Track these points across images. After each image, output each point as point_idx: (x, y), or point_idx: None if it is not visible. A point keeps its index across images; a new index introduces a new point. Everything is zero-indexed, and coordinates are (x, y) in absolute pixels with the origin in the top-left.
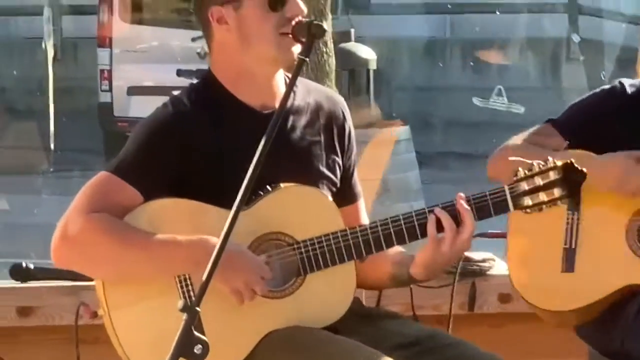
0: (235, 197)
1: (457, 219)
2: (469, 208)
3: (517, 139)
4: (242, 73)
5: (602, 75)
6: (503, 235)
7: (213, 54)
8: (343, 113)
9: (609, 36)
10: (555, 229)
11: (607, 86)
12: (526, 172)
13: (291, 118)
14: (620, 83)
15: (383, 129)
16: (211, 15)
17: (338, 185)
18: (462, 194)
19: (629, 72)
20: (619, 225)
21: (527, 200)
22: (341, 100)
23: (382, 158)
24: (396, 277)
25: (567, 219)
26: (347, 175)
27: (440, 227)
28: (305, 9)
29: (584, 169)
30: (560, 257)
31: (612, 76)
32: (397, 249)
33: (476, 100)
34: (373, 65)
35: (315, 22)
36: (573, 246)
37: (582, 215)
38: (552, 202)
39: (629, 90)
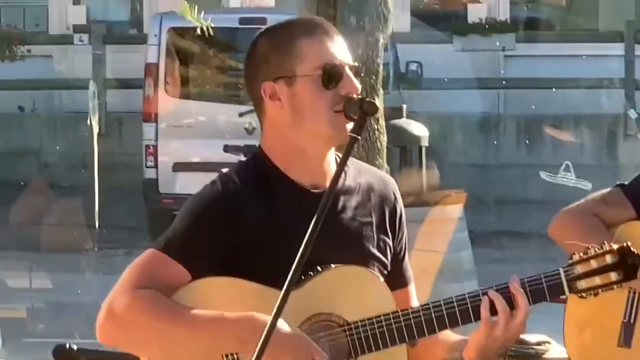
0: (285, 277)
1: (510, 302)
2: (522, 291)
3: (585, 204)
4: (293, 151)
5: None
6: (563, 301)
7: (264, 131)
8: (394, 195)
9: None
10: (616, 301)
11: None
12: (582, 255)
13: (342, 198)
14: None
15: (438, 207)
16: (264, 91)
17: (389, 267)
18: (516, 277)
19: None
20: None
21: (582, 284)
22: (392, 181)
23: (442, 235)
24: None
25: (629, 292)
26: (397, 259)
27: (493, 310)
28: (359, 87)
29: None
30: (618, 331)
31: None
32: (450, 332)
33: (544, 175)
34: (425, 142)
35: (367, 99)
36: (632, 321)
37: None
38: (608, 286)
39: None
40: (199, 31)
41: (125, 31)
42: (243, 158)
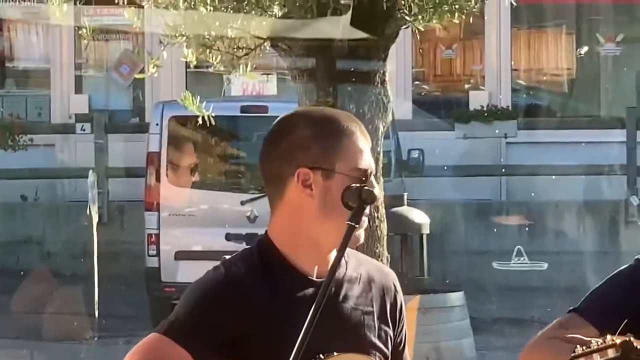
0: None
1: None
2: None
3: (542, 337)
4: (306, 240)
5: None
6: None
7: (277, 213)
8: (395, 286)
9: None
10: None
11: (626, 266)
12: (584, 348)
13: (344, 287)
14: (638, 260)
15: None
16: (298, 175)
17: (389, 358)
18: None
19: None
20: None
21: None
22: (392, 273)
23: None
24: None
25: None
26: (397, 350)
27: None
28: (378, 195)
29: None
30: None
31: None
32: None
33: (496, 264)
34: (426, 230)
35: (366, 187)
36: None
37: None
38: None
39: None
40: (200, 120)
41: (127, 120)
42: (245, 246)
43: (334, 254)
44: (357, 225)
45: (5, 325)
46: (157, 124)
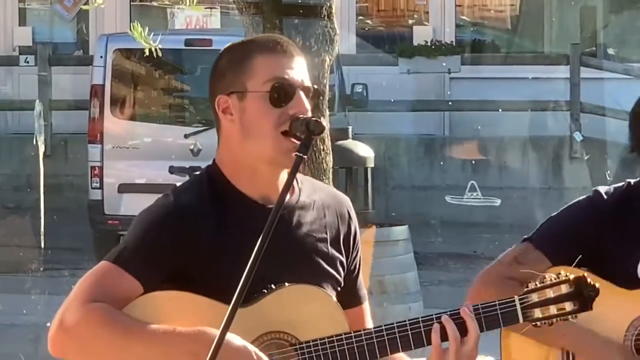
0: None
1: (462, 328)
2: (472, 317)
3: (499, 268)
4: (243, 166)
5: (607, 175)
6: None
7: (219, 144)
8: (349, 212)
9: (612, 135)
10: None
11: (583, 197)
12: (537, 284)
13: (297, 214)
14: (596, 191)
15: (383, 228)
16: (217, 104)
17: (342, 284)
18: (468, 303)
19: (633, 172)
20: None
21: (538, 313)
22: (347, 199)
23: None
24: None
25: (562, 353)
26: (351, 277)
27: (445, 337)
28: (309, 108)
29: (597, 284)
30: None
31: (616, 176)
32: (403, 355)
33: (449, 198)
34: (371, 164)
35: (313, 118)
36: None
37: None
38: (563, 315)
39: (606, 197)
40: (147, 52)
41: (71, 52)
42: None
43: (283, 179)
44: (306, 157)
45: None
46: (101, 57)
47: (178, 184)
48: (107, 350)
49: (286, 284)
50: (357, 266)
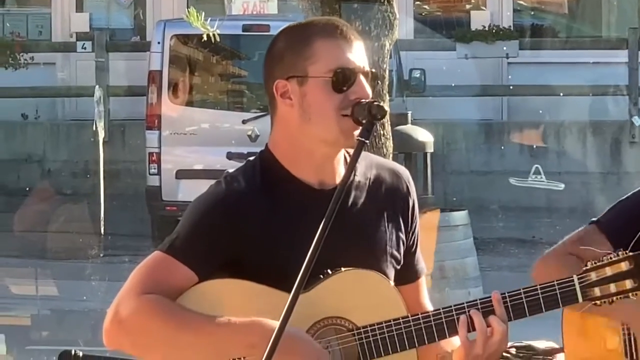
0: (293, 279)
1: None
2: (501, 307)
3: (562, 247)
4: (300, 150)
5: None
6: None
7: (274, 129)
8: (407, 186)
9: None
10: (612, 340)
11: None
12: (596, 262)
13: (352, 194)
14: None
15: (444, 213)
16: (276, 88)
17: (402, 262)
18: (497, 291)
19: None
20: None
21: (597, 291)
22: (406, 173)
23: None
24: None
25: (623, 329)
26: (410, 252)
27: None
28: (370, 93)
29: None
30: None
31: None
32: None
33: (513, 181)
34: (430, 149)
35: (375, 102)
36: (635, 358)
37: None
38: (623, 293)
39: None
40: (205, 37)
41: (128, 38)
42: None
43: (340, 160)
44: (367, 141)
45: (8, 244)
46: (158, 43)
47: (230, 171)
48: (161, 342)
49: (342, 269)
50: (416, 241)
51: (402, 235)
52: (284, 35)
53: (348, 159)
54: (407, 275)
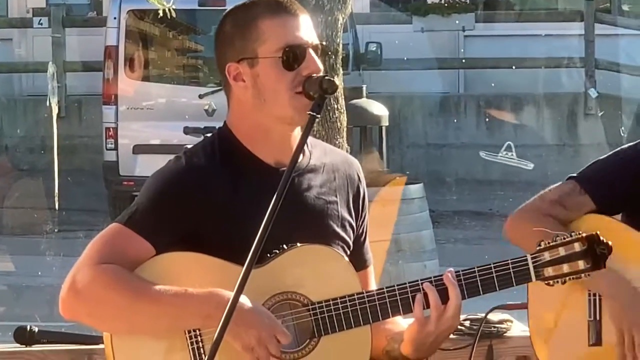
0: (248, 254)
1: (445, 295)
2: (455, 283)
3: (540, 204)
4: (257, 130)
5: (621, 131)
6: (524, 307)
7: (230, 109)
8: (358, 175)
9: (626, 91)
10: (577, 301)
11: (631, 146)
12: (549, 242)
13: (307, 177)
14: None
15: (391, 187)
16: (228, 72)
17: (351, 247)
18: (451, 269)
19: None
20: None
21: (550, 271)
22: (356, 162)
23: (390, 217)
24: (389, 353)
25: (589, 294)
26: (359, 240)
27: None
28: (322, 67)
29: (609, 242)
30: (585, 331)
31: (631, 132)
32: (401, 319)
33: (484, 154)
34: (385, 122)
35: (326, 77)
36: (598, 318)
37: None
38: (576, 274)
39: None
40: (160, 12)
41: (84, 14)
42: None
43: (295, 141)
44: (319, 116)
45: None
46: (114, 18)
47: (190, 146)
48: (117, 311)
49: (298, 244)
50: (365, 229)
51: (353, 222)
52: (230, 17)
53: None
54: (356, 262)
